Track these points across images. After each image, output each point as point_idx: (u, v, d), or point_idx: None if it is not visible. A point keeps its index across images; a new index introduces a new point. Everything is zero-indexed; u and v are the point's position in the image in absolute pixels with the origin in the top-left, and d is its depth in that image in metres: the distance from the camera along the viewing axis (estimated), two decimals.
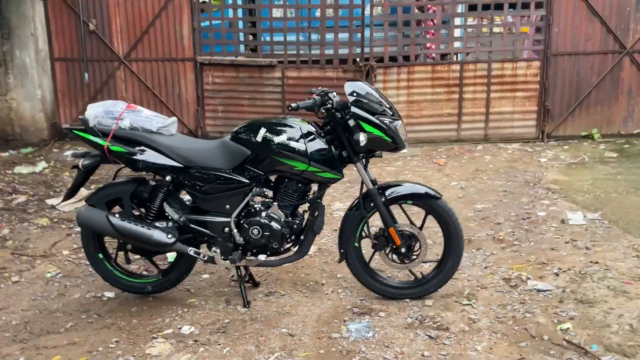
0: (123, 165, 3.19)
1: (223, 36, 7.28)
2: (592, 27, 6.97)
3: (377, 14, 7.07)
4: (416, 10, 7.04)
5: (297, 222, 3.12)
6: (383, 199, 3.09)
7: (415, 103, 7.04)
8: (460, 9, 7.00)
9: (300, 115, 3.21)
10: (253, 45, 7.40)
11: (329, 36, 6.99)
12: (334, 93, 3.03)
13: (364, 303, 3.24)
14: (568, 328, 2.87)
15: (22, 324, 3.18)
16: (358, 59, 6.89)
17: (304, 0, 7.03)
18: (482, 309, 3.12)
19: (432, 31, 7.20)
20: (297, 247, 3.19)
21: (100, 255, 3.34)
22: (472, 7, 6.97)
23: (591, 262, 3.62)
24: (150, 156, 3.06)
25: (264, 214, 3.10)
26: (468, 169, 5.99)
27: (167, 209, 3.13)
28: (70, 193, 3.29)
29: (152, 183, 3.14)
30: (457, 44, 7.18)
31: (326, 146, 3.02)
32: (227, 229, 3.13)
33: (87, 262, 3.82)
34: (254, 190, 3.10)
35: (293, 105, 2.91)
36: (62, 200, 3.44)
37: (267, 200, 3.16)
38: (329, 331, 2.96)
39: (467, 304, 3.18)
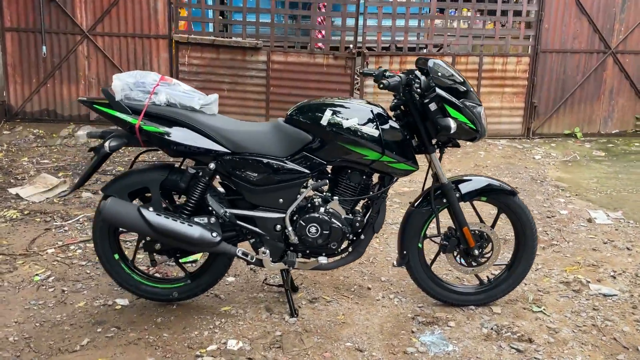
0: (144, 150, 2.67)
1: (203, 13, 6.68)
2: (580, 25, 6.98)
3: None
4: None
5: (359, 219, 2.73)
6: (457, 195, 2.75)
7: None
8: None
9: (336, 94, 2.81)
10: (236, 24, 6.84)
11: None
12: (417, 72, 2.64)
13: (425, 311, 2.90)
14: None
15: (21, 340, 2.59)
16: (351, 46, 6.52)
17: None
18: (557, 317, 2.86)
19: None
20: (353, 247, 2.80)
21: (117, 256, 2.80)
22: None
23: None
24: (191, 138, 2.56)
25: (322, 209, 2.68)
26: (467, 164, 5.80)
27: (211, 201, 2.64)
28: (83, 180, 2.72)
29: (191, 170, 2.63)
30: (450, 37, 6.98)
31: (402, 133, 2.64)
32: (279, 227, 2.68)
33: (84, 263, 3.29)
34: (314, 182, 2.67)
35: (384, 82, 2.49)
36: (72, 190, 2.84)
37: (325, 193, 2.74)
38: (400, 345, 2.60)
39: (539, 311, 2.91)
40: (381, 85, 2.50)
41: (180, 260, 2.87)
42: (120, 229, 2.80)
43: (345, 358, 2.49)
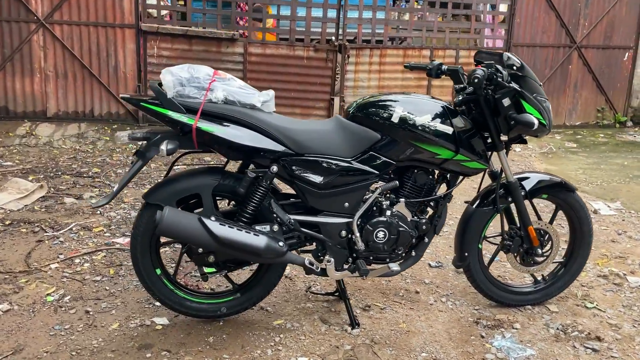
0: (186, 152, 2.39)
1: (173, 1, 6.26)
2: (549, 20, 7.17)
3: None
4: None
5: (424, 221, 2.59)
6: (522, 193, 2.68)
7: (386, 88, 6.69)
8: None
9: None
10: (210, 13, 6.47)
11: (301, 11, 6.34)
12: (498, 66, 2.50)
13: (484, 313, 2.81)
14: None
15: None
16: (333, 38, 6.34)
17: None
18: (612, 312, 2.86)
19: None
20: (415, 250, 2.65)
21: (158, 271, 2.50)
22: None
23: None
24: (255, 139, 2.31)
25: (388, 212, 2.51)
26: None
27: (275, 208, 2.41)
28: (122, 188, 2.39)
29: (251, 174, 2.37)
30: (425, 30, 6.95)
31: (474, 129, 2.52)
32: (344, 232, 2.49)
33: (98, 278, 2.98)
34: (384, 183, 2.49)
35: (479, 75, 2.33)
36: (110, 199, 2.47)
37: (390, 195, 2.57)
38: (477, 352, 2.49)
39: (593, 307, 2.90)
40: (475, 80, 2.35)
41: (206, 272, 2.58)
42: (163, 241, 2.52)
43: None
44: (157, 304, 2.79)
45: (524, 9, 7.02)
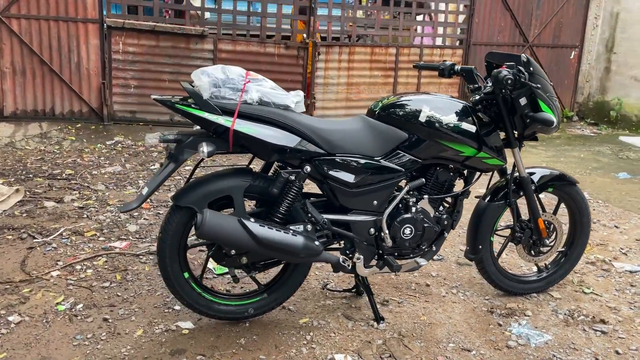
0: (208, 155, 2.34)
1: None
2: (505, 20, 7.50)
3: None
4: None
5: (445, 217, 2.69)
6: (533, 187, 2.83)
7: (354, 85, 6.79)
8: None
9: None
10: (179, 9, 6.32)
11: (272, 8, 6.31)
12: (520, 66, 2.60)
13: (495, 303, 2.95)
14: None
15: None
16: (305, 35, 6.36)
17: None
18: (608, 296, 3.08)
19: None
20: (435, 245, 2.75)
21: (186, 275, 2.47)
22: None
23: (637, 239, 3.86)
24: (289, 140, 2.32)
25: (414, 209, 2.59)
26: None
27: (310, 208, 2.43)
28: (153, 191, 2.33)
29: (285, 175, 2.38)
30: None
31: (494, 127, 2.63)
32: (372, 230, 2.55)
33: (106, 284, 2.91)
34: (412, 181, 2.57)
35: (504, 73, 2.43)
36: (141, 202, 2.38)
37: (414, 192, 2.65)
38: (499, 340, 2.62)
39: (590, 293, 3.11)
40: (508, 80, 2.45)
41: (217, 273, 2.58)
42: (191, 244, 2.49)
43: (459, 359, 2.45)
44: (177, 307, 2.75)
45: (482, 10, 7.31)
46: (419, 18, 7.61)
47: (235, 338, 2.53)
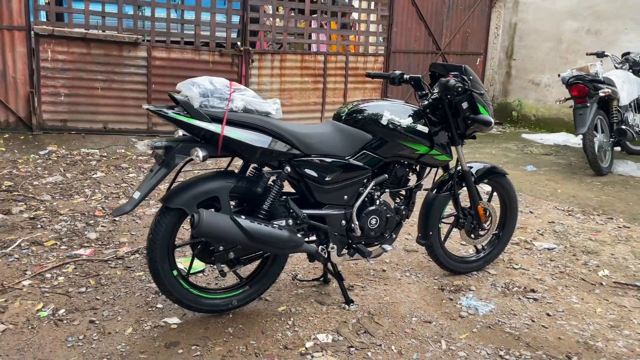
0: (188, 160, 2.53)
1: (70, 3, 5.98)
2: (419, 30, 8.13)
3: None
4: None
5: (402, 207, 3.06)
6: (473, 179, 3.27)
7: (287, 91, 7.08)
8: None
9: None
10: (113, 17, 6.27)
11: (205, 16, 6.44)
12: (463, 75, 3.01)
13: (444, 281, 3.37)
14: (607, 274, 3.57)
15: None
16: (239, 43, 6.55)
17: None
18: (534, 270, 3.59)
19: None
20: (395, 233, 3.11)
21: (175, 273, 2.65)
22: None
23: (549, 222, 4.48)
24: (273, 144, 2.58)
25: (378, 202, 2.94)
26: None
27: (292, 204, 2.69)
28: (145, 195, 2.49)
29: (268, 175, 2.63)
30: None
31: (440, 128, 3.03)
32: (344, 222, 2.86)
33: (82, 289, 3.05)
34: (376, 177, 2.90)
35: (451, 82, 2.81)
36: (133, 207, 2.49)
37: (377, 187, 2.99)
38: (452, 312, 3.02)
39: (519, 268, 3.61)
40: (458, 88, 2.84)
41: (190, 272, 2.79)
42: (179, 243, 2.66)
43: (423, 330, 2.82)
44: (159, 306, 2.90)
45: (400, 20, 7.87)
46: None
47: (223, 328, 2.73)
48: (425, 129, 2.94)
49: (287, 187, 2.85)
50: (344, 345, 2.63)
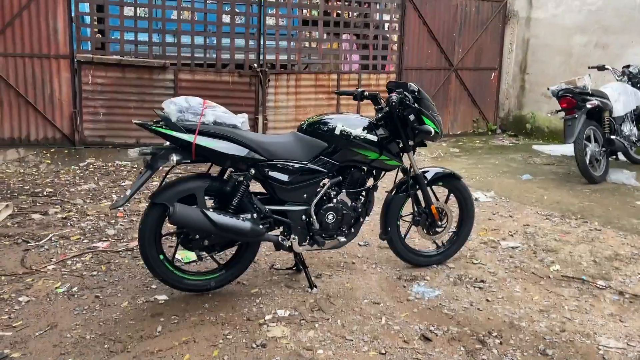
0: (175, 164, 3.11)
1: (107, 34, 6.82)
2: (431, 48, 8.57)
3: (270, 24, 7.49)
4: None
5: (359, 206, 3.55)
6: (426, 182, 3.72)
7: (302, 107, 7.67)
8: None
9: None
10: (144, 45, 7.08)
11: (225, 41, 7.16)
12: (406, 92, 3.50)
13: (403, 272, 3.82)
14: (558, 269, 3.92)
15: (97, 337, 2.93)
16: (255, 65, 7.22)
17: (200, 4, 7.07)
18: (491, 265, 3.99)
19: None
20: (354, 228, 3.60)
21: (162, 257, 3.24)
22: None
23: (524, 225, 4.83)
24: (239, 150, 3.15)
25: (335, 200, 3.45)
26: None
27: (255, 201, 3.24)
28: (134, 192, 3.11)
29: (235, 177, 3.20)
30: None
31: (391, 137, 3.52)
32: (304, 217, 3.38)
33: (95, 273, 3.65)
34: (332, 179, 3.42)
35: (394, 98, 3.32)
36: (125, 201, 3.14)
37: (335, 188, 3.50)
38: (402, 296, 3.48)
39: (478, 263, 4.01)
40: (393, 103, 3.34)
41: (185, 262, 3.37)
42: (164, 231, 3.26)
43: (369, 309, 3.29)
44: (153, 286, 3.51)
45: (411, 39, 8.35)
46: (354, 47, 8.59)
47: (201, 304, 3.30)
48: (374, 138, 3.43)
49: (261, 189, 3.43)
50: (297, 319, 3.15)
